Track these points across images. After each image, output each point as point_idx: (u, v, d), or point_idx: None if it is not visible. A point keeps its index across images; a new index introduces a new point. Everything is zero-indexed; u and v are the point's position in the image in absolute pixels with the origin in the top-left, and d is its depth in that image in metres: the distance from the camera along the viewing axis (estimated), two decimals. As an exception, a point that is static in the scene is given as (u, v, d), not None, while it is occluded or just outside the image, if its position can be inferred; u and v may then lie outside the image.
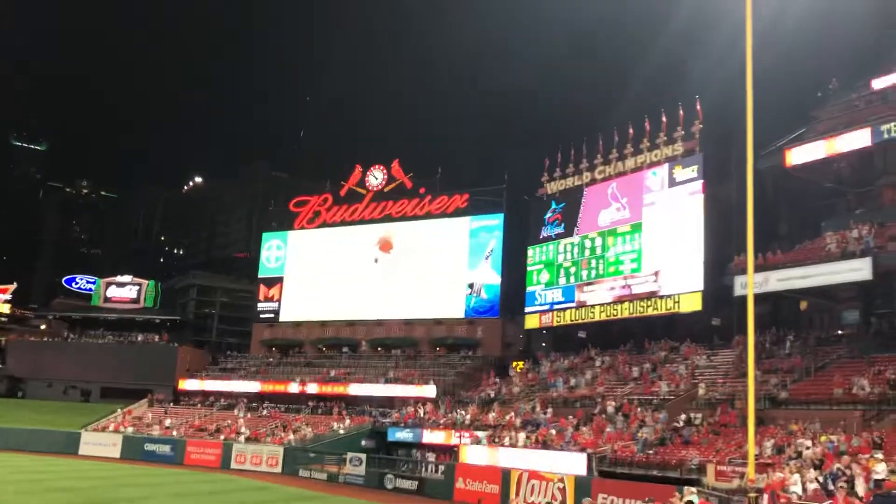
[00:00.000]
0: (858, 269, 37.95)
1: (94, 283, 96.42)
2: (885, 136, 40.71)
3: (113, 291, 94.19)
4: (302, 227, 77.39)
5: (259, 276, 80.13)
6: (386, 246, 72.38)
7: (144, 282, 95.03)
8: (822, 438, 30.45)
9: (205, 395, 70.29)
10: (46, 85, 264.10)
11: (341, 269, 74.07)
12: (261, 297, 78.72)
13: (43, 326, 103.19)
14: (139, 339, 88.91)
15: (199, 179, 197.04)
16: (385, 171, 73.30)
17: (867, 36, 48.30)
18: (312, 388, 65.37)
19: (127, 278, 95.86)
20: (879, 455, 25.70)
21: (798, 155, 44.84)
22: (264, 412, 62.88)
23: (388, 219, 72.31)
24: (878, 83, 46.55)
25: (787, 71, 48.38)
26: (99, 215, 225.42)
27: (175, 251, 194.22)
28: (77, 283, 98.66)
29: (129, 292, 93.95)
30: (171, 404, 69.58)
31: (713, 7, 54.21)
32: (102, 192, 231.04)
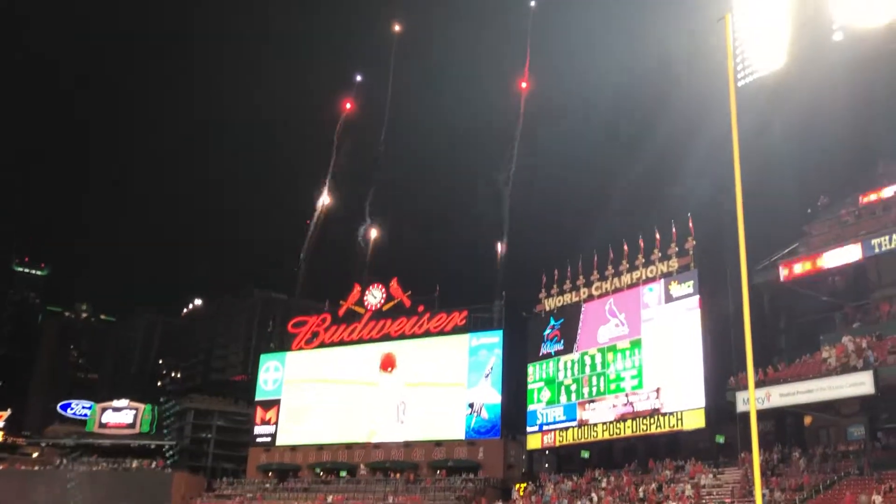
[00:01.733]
0: (860, 384, 37.80)
1: (89, 408, 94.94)
2: (876, 249, 41.41)
3: (108, 416, 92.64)
4: (300, 348, 77.03)
5: (256, 398, 79.11)
6: (386, 364, 71.84)
7: (141, 406, 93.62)
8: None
9: (199, 523, 68.11)
10: (46, 212, 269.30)
11: (338, 390, 73.28)
12: (257, 420, 77.52)
13: (35, 454, 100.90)
14: (133, 465, 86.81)
15: (198, 302, 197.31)
16: (384, 290, 73.65)
17: (850, 151, 49.70)
18: (310, 515, 63.45)
19: (123, 403, 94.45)
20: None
21: (792, 270, 45.38)
22: (260, 541, 60.83)
23: (387, 338, 72.09)
24: (866, 198, 47.60)
25: (776, 187, 49.46)
26: (97, 339, 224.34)
27: (173, 374, 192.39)
28: (72, 409, 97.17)
29: (125, 417, 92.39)
30: (164, 534, 67.32)
31: (698, 125, 56.11)
32: (101, 316, 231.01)
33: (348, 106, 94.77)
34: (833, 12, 47.85)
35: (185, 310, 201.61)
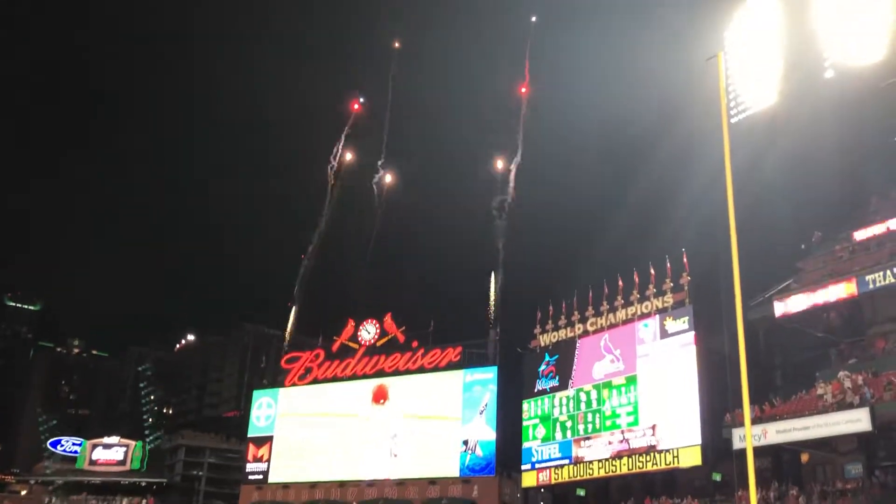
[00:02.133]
0: (857, 420, 37.59)
1: (80, 444, 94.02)
2: (871, 286, 41.43)
3: (99, 453, 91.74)
4: (293, 384, 76.32)
5: (248, 435, 78.20)
6: (378, 396, 71.15)
7: (132, 443, 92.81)
8: None
9: (189, 563, 67.06)
10: (42, 244, 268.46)
11: (332, 426, 72.45)
12: (249, 457, 76.54)
13: (24, 492, 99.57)
14: (124, 502, 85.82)
15: (191, 338, 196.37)
16: (378, 325, 73.28)
17: (843, 188, 49.96)
18: (302, 555, 62.47)
19: (114, 439, 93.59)
20: None
21: (787, 306, 45.38)
22: (251, 581, 59.83)
23: (381, 374, 71.52)
24: (860, 234, 47.75)
25: (769, 223, 49.64)
26: (89, 375, 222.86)
27: (165, 410, 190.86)
28: (62, 446, 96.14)
29: (116, 454, 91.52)
30: (153, 574, 66.23)
31: (692, 161, 56.40)
32: (94, 352, 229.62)
33: (356, 107, 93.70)
34: (824, 50, 48.27)
35: (177, 345, 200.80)
